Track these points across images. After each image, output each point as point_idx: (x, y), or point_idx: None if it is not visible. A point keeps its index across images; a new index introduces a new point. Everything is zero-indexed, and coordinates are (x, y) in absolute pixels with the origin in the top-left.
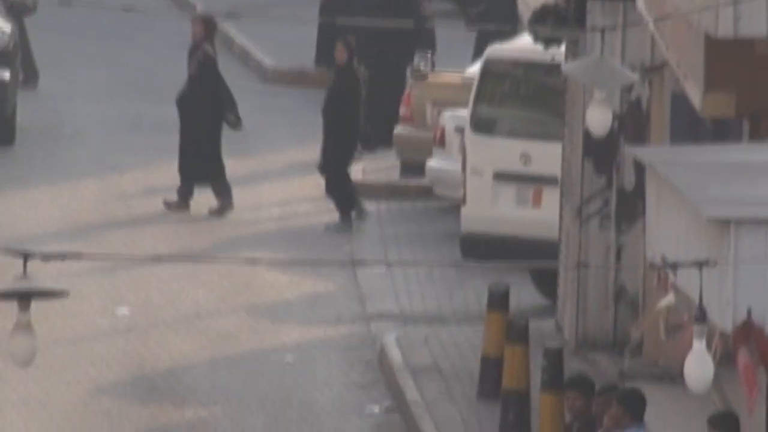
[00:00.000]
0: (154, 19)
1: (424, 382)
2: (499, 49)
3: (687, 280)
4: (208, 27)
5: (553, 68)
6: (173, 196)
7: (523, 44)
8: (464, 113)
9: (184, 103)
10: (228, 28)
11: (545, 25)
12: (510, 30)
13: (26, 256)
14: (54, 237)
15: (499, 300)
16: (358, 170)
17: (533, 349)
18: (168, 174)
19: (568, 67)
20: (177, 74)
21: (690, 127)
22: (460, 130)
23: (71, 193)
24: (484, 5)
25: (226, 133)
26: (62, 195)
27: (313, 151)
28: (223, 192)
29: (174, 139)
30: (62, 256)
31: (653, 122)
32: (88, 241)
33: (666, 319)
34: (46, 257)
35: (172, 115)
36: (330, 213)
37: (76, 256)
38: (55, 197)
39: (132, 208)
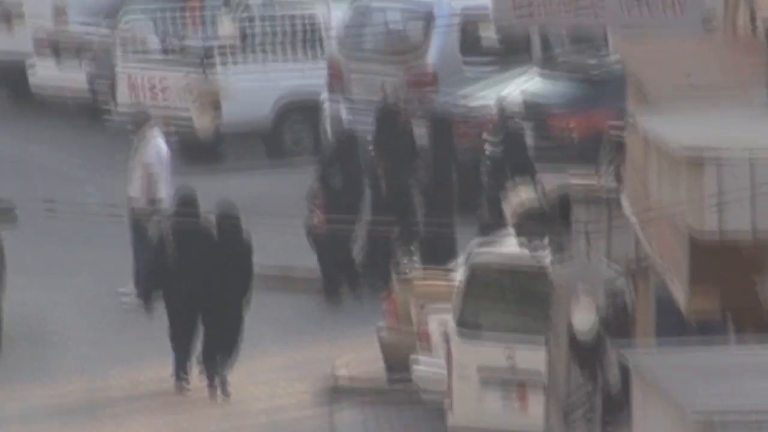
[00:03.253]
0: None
1: None
2: (484, 252)
3: None
4: None
5: (538, 272)
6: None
7: (508, 248)
8: (449, 315)
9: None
10: None
11: (529, 224)
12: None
13: None
14: None
15: None
16: (341, 369)
17: None
18: (153, 379)
19: (554, 271)
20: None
21: (675, 324)
22: (445, 333)
23: (59, 399)
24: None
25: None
26: (50, 401)
27: (299, 352)
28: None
29: (158, 342)
30: None
31: (638, 320)
32: None
33: None
34: None
35: (161, 316)
36: (319, 418)
37: None
38: (42, 403)
39: (117, 416)
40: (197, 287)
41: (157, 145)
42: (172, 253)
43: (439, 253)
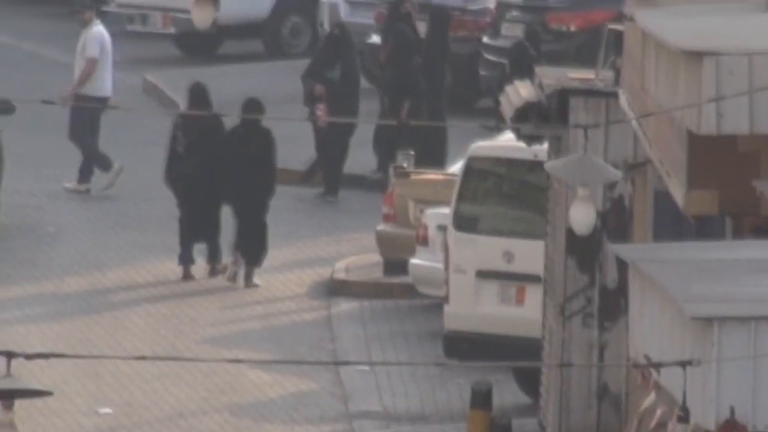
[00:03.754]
0: (136, 116)
1: None
2: (481, 146)
3: (671, 379)
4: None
5: (536, 166)
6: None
7: (506, 142)
8: (447, 211)
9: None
10: None
11: (528, 122)
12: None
13: (9, 355)
14: (37, 336)
15: (482, 399)
16: (341, 268)
17: None
18: (151, 272)
19: (550, 165)
20: (158, 171)
21: (673, 224)
22: (442, 229)
23: (54, 292)
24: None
25: None
26: (45, 293)
27: (295, 248)
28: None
29: (156, 236)
30: (45, 356)
31: (636, 220)
32: (71, 341)
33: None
34: (30, 356)
35: (155, 213)
36: (316, 311)
37: (60, 355)
38: (37, 295)
39: (115, 307)
40: (208, 179)
41: (101, 36)
42: (184, 144)
43: (431, 155)
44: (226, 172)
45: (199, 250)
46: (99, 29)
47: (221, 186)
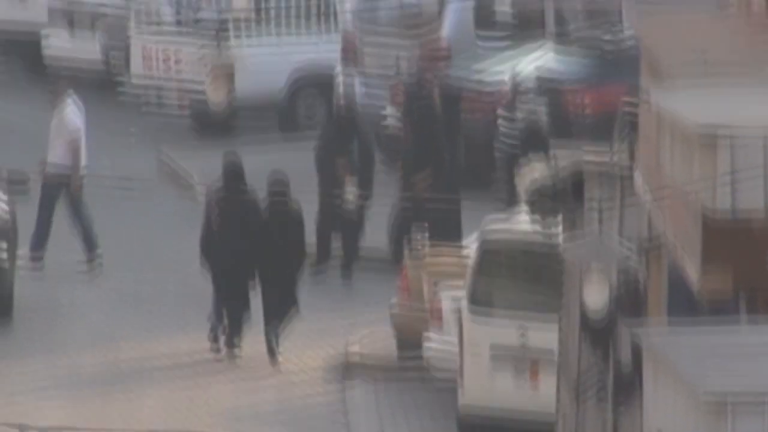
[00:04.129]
0: (152, 194)
1: None
2: (496, 224)
3: None
4: None
5: (550, 249)
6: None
7: (521, 222)
8: (461, 293)
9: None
10: None
11: (542, 200)
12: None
13: (23, 428)
14: (50, 410)
15: None
16: (354, 346)
17: None
18: (165, 347)
19: (565, 244)
20: (175, 247)
21: (687, 302)
22: (457, 311)
23: (68, 365)
24: None
25: None
26: (59, 366)
27: (310, 324)
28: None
29: (172, 313)
30: (59, 429)
31: (650, 298)
32: (85, 415)
33: None
34: (43, 430)
35: (170, 287)
36: (330, 391)
37: (73, 428)
38: (51, 369)
39: (129, 382)
40: (243, 256)
41: (76, 112)
42: (217, 221)
43: (445, 229)
44: (259, 248)
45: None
46: (73, 107)
47: (254, 261)
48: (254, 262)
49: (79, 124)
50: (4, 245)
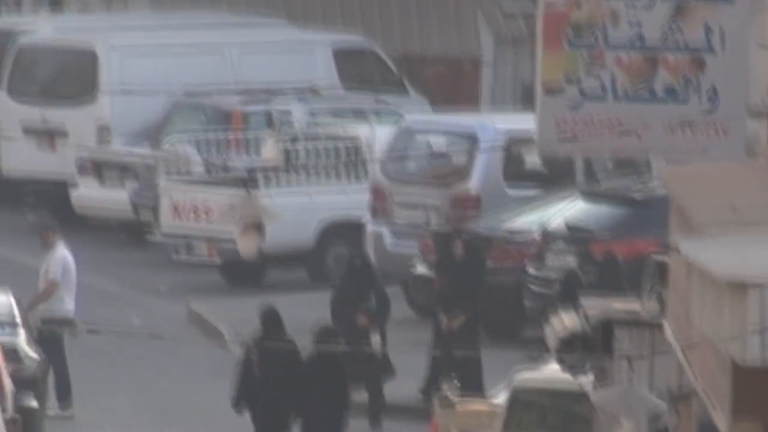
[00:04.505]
0: (182, 346)
1: None
2: (526, 376)
3: None
4: None
5: (580, 396)
6: None
7: (551, 372)
8: None
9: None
10: None
11: (572, 352)
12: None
13: None
14: None
15: None
16: None
17: None
18: None
19: (595, 396)
20: (203, 401)
21: None
22: None
23: None
24: None
25: None
26: None
27: None
28: None
29: None
30: None
31: None
32: None
33: None
34: None
35: None
36: None
37: None
38: None
39: None
40: (285, 404)
41: (64, 259)
42: (258, 369)
43: (466, 378)
44: (301, 398)
45: None
46: (62, 252)
47: (295, 411)
48: (297, 411)
49: (56, 274)
50: (33, 398)
